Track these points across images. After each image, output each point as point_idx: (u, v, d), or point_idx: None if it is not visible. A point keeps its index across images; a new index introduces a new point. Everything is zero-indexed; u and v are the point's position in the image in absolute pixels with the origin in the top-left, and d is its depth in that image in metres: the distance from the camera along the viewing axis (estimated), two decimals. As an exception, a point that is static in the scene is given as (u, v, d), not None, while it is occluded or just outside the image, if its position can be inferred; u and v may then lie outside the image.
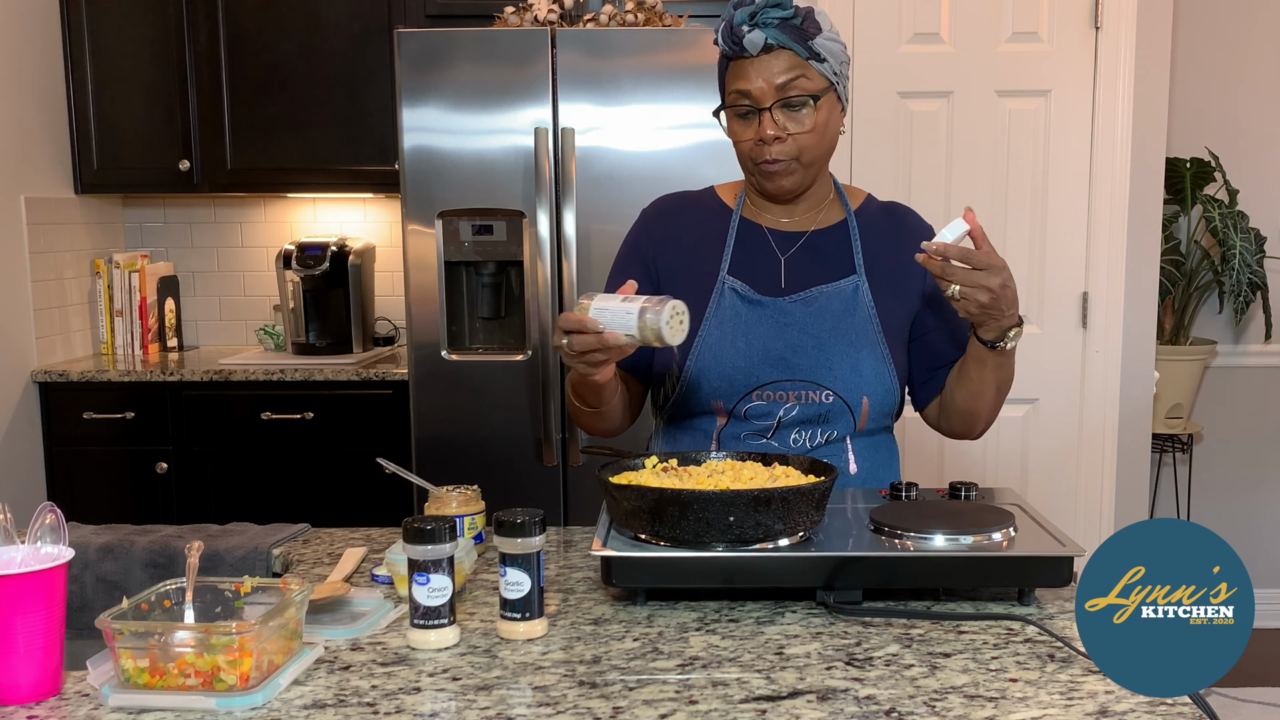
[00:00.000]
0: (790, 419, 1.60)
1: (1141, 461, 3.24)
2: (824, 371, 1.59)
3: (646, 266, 1.69)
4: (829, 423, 1.61)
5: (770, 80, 1.52)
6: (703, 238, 1.67)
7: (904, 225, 1.70)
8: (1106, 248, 3.15)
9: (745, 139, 1.57)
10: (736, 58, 1.55)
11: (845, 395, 1.60)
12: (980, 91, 3.13)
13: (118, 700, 1.06)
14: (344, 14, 3.38)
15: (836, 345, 1.60)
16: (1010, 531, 1.34)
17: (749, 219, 1.68)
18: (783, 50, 1.52)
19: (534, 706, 1.06)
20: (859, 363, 1.60)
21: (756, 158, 1.57)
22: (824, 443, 1.62)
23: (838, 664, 1.15)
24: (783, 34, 1.52)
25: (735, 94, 1.56)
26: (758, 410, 1.60)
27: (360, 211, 3.78)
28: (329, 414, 3.25)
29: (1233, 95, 3.63)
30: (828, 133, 1.58)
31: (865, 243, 1.65)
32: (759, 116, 1.54)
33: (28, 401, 3.30)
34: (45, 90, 3.42)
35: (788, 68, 1.53)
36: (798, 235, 1.66)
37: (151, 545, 1.47)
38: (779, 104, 1.53)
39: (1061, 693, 1.08)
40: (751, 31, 1.51)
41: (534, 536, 1.22)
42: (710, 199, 1.73)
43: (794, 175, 1.59)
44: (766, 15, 1.51)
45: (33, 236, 3.35)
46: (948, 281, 1.41)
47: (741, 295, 1.62)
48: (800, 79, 1.53)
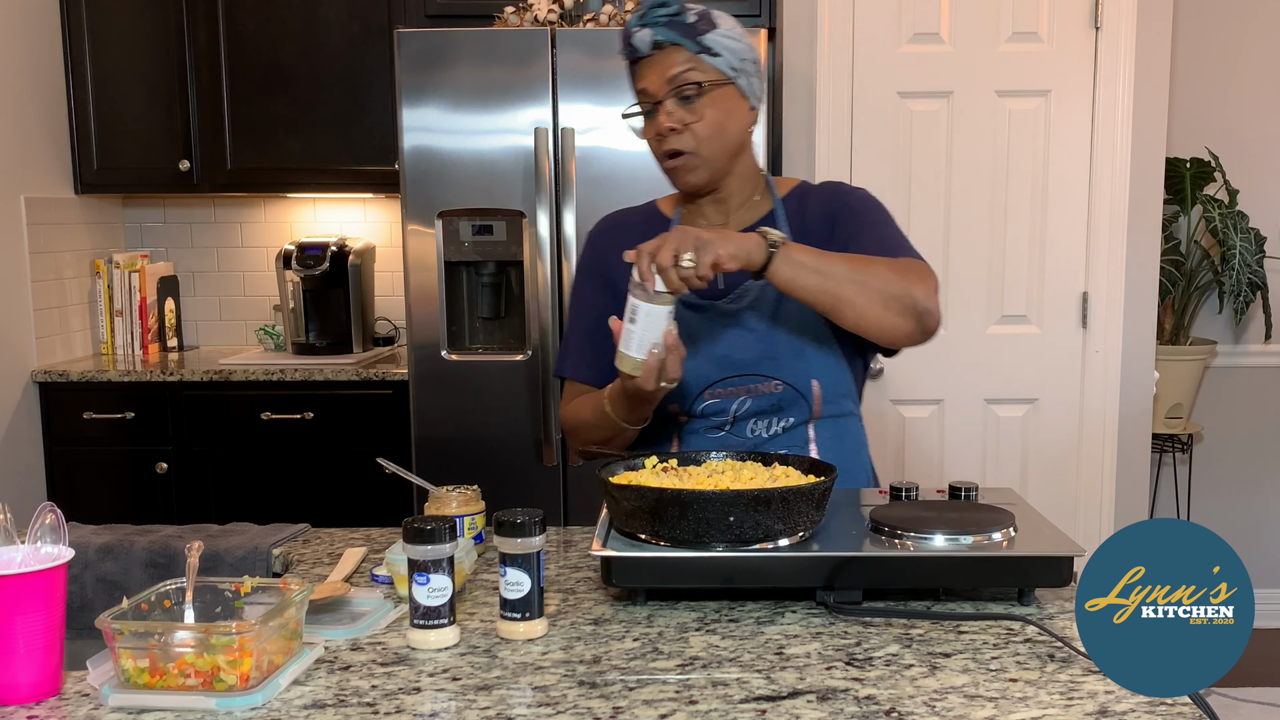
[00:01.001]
0: (744, 412, 1.63)
1: (1141, 461, 3.24)
2: (768, 363, 1.61)
3: (607, 287, 1.71)
4: (783, 411, 1.63)
5: (662, 76, 1.56)
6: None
7: (817, 200, 1.71)
8: (1106, 248, 3.15)
9: (648, 135, 1.62)
10: (634, 61, 1.60)
11: (794, 382, 1.61)
12: (980, 91, 3.13)
13: (118, 700, 1.06)
14: (344, 14, 3.38)
15: (777, 335, 1.62)
16: (1010, 531, 1.34)
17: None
18: (673, 47, 1.56)
19: (534, 706, 1.06)
20: (802, 348, 1.62)
21: (660, 152, 1.61)
22: (781, 431, 1.63)
23: (838, 664, 1.15)
24: (671, 31, 1.55)
25: (638, 94, 1.61)
26: (713, 408, 1.63)
27: (360, 211, 3.78)
28: (329, 414, 3.25)
29: (1233, 95, 3.63)
30: (728, 126, 1.59)
31: (794, 227, 1.66)
32: (656, 111, 1.58)
33: (28, 401, 3.30)
34: (45, 90, 3.42)
35: (678, 62, 1.56)
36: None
37: (151, 545, 1.47)
38: (671, 96, 1.56)
39: (1061, 693, 1.08)
40: (640, 31, 1.56)
41: (534, 536, 1.22)
42: (651, 212, 1.76)
43: (698, 170, 1.61)
44: (653, 15, 1.55)
45: (33, 236, 3.35)
46: (678, 261, 1.38)
47: (684, 302, 1.62)
48: (690, 71, 1.56)
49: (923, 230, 3.17)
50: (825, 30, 3.11)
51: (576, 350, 1.75)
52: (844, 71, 3.13)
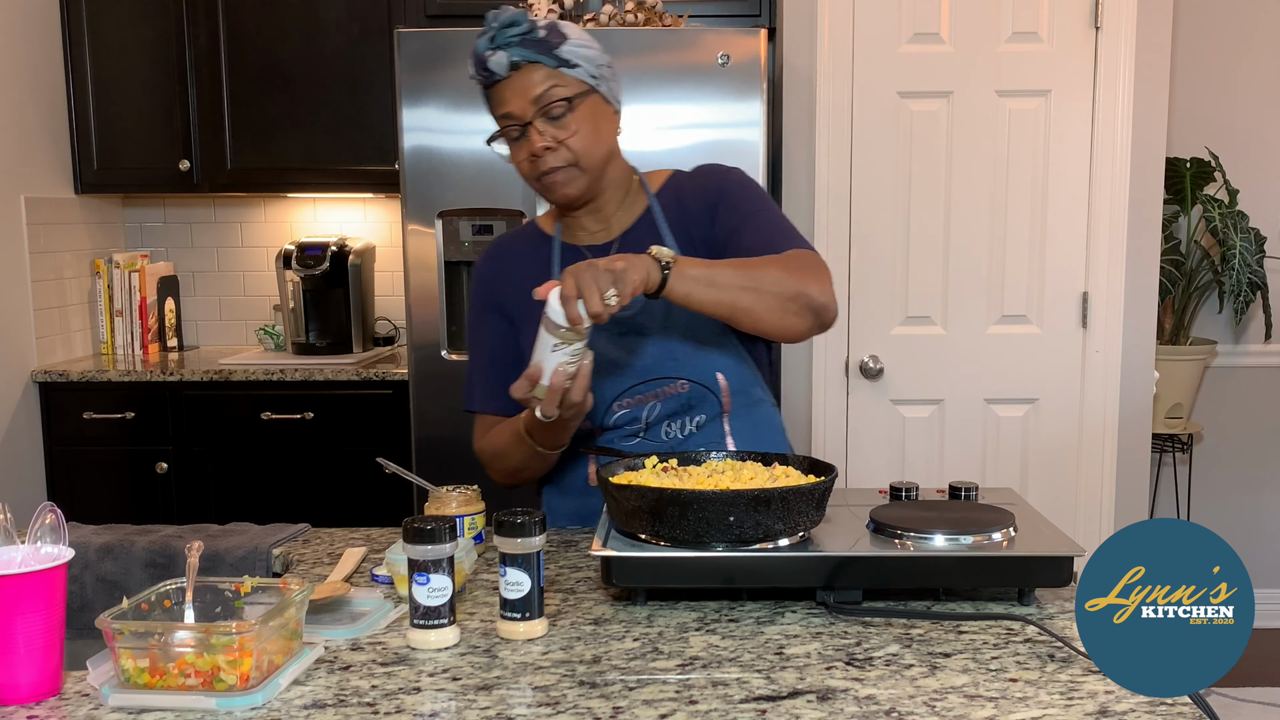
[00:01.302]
0: (656, 417, 1.63)
1: (1141, 461, 3.24)
2: (670, 364, 1.61)
3: (504, 314, 1.70)
4: (694, 409, 1.63)
5: (526, 95, 1.53)
6: (531, 272, 1.68)
7: (691, 185, 1.69)
8: (1106, 248, 3.15)
9: (522, 159, 1.59)
10: (491, 84, 1.56)
11: (699, 379, 1.62)
12: (980, 91, 3.13)
13: (118, 700, 1.06)
14: (344, 14, 3.38)
15: (673, 336, 1.61)
16: (1010, 531, 1.34)
17: (567, 242, 1.69)
18: (530, 65, 1.53)
19: (534, 706, 1.06)
20: (701, 344, 1.62)
21: (535, 173, 1.58)
22: (696, 429, 1.63)
23: (838, 664, 1.15)
24: (525, 49, 1.52)
25: (502, 119, 1.57)
26: (624, 418, 1.63)
27: (360, 211, 3.78)
28: (329, 414, 3.25)
29: (1233, 95, 3.63)
30: (599, 134, 1.59)
31: (672, 221, 1.65)
32: (527, 133, 1.55)
33: (28, 401, 3.30)
34: (45, 90, 3.42)
35: (539, 80, 1.53)
36: (609, 244, 1.67)
37: (151, 545, 1.47)
38: (539, 115, 1.54)
39: (1061, 693, 1.08)
40: (495, 54, 1.53)
41: (534, 536, 1.22)
42: (532, 232, 1.75)
43: (578, 181, 1.59)
44: (504, 36, 1.52)
45: (33, 236, 3.35)
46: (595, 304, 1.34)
47: None
48: (554, 88, 1.54)
49: (923, 230, 3.17)
50: (825, 30, 3.11)
51: (482, 383, 1.74)
52: (844, 71, 3.13)
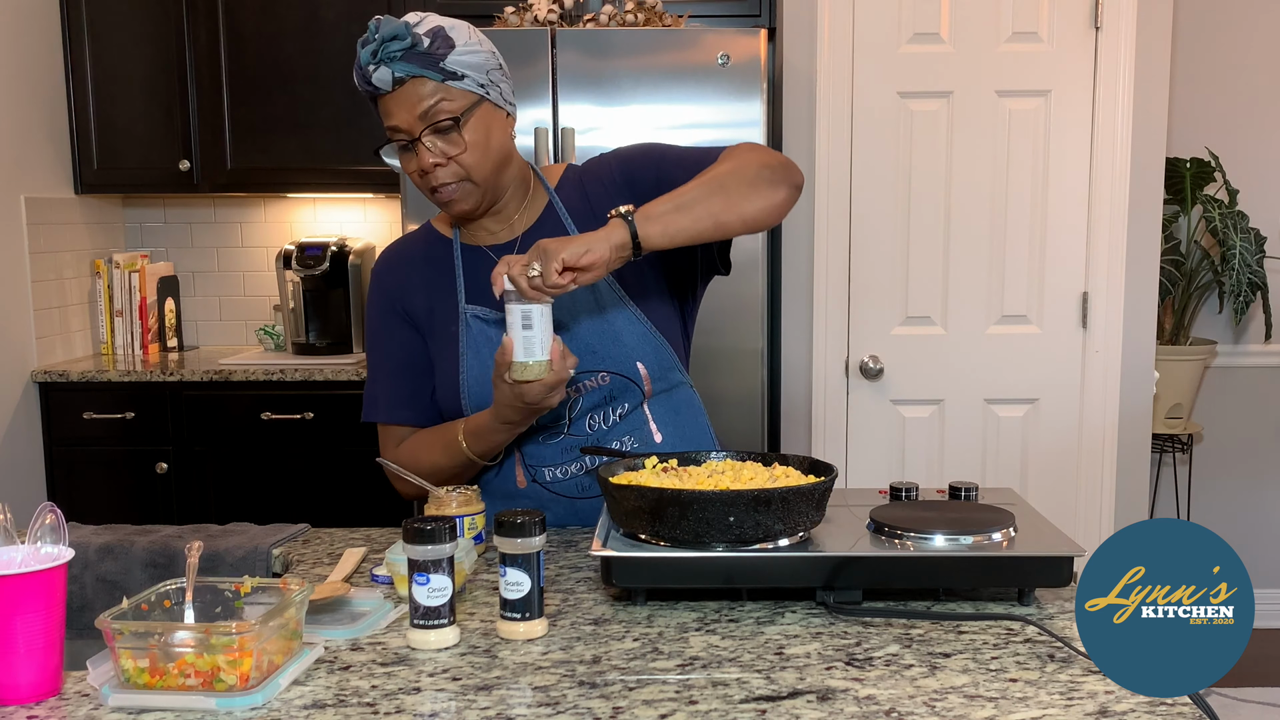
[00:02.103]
0: (578, 411, 1.62)
1: (1141, 461, 3.24)
2: (590, 357, 1.59)
3: (409, 323, 1.68)
4: (616, 400, 1.62)
5: (412, 111, 1.50)
6: (434, 276, 1.67)
7: (593, 174, 1.67)
8: (1106, 248, 3.15)
9: (411, 169, 1.55)
10: (377, 96, 1.52)
11: (620, 370, 1.60)
12: (980, 91, 3.13)
13: (118, 700, 1.06)
14: (344, 14, 3.38)
15: (588, 328, 1.60)
16: (1010, 531, 1.34)
17: (467, 243, 1.67)
18: (416, 79, 1.49)
19: (534, 706, 1.06)
20: (617, 334, 1.60)
21: (426, 187, 1.56)
22: (619, 419, 1.63)
23: (838, 664, 1.15)
24: (409, 64, 1.47)
25: (389, 130, 1.54)
26: (547, 417, 1.60)
27: (360, 211, 3.78)
28: (329, 414, 3.25)
29: (1233, 95, 3.63)
30: (490, 145, 1.56)
31: (574, 212, 1.64)
32: (414, 148, 1.52)
33: (28, 401, 3.30)
34: (45, 90, 3.42)
35: (425, 95, 1.49)
36: (513, 243, 1.65)
37: (151, 545, 1.47)
38: (428, 131, 1.50)
39: (1061, 693, 1.08)
40: (378, 69, 1.48)
41: (534, 537, 1.22)
42: (429, 235, 1.71)
43: (471, 196, 1.57)
44: (387, 49, 1.47)
45: (33, 236, 3.35)
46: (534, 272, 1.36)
47: (484, 319, 1.62)
48: (441, 103, 1.50)
49: (923, 230, 3.17)
50: (825, 30, 3.11)
51: (388, 393, 1.70)
52: (844, 71, 3.13)
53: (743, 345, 2.92)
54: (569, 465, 1.64)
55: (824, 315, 3.20)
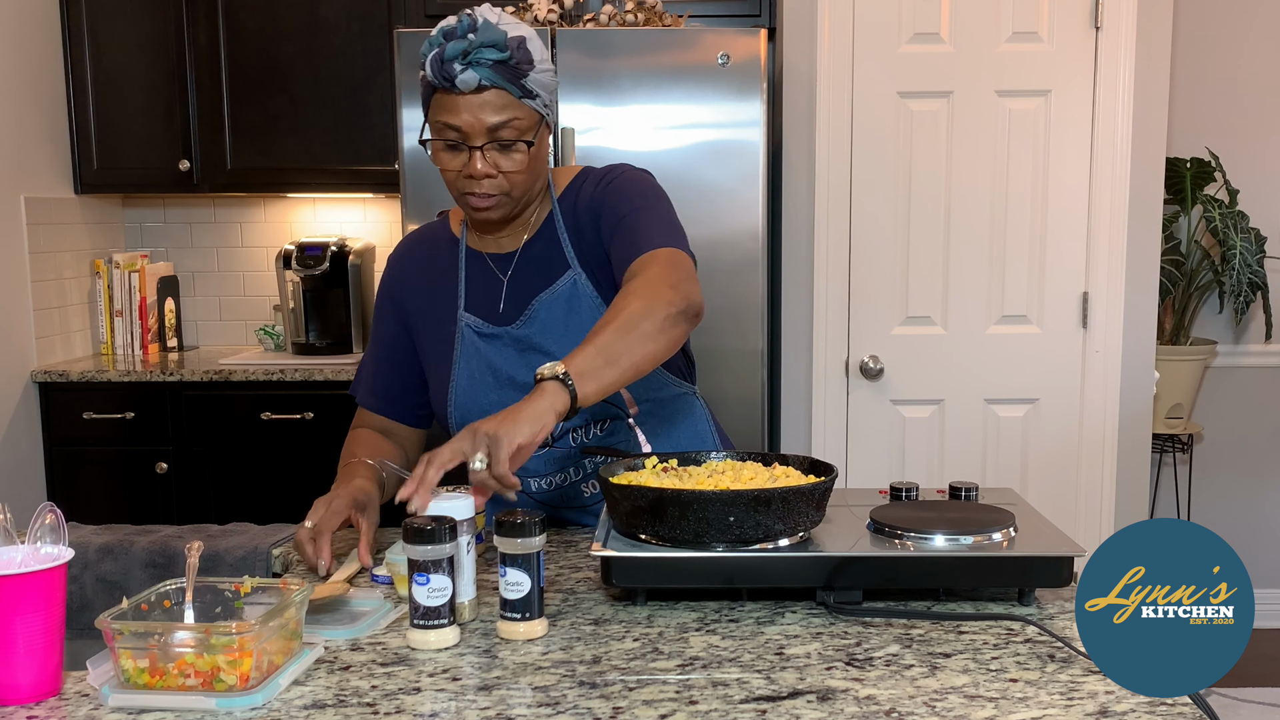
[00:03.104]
0: (560, 430, 1.60)
1: (1141, 461, 3.24)
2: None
3: (399, 317, 1.70)
4: (598, 419, 1.62)
5: (482, 120, 1.47)
6: (439, 277, 1.67)
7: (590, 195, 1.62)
8: (1106, 248, 3.15)
9: (451, 169, 1.53)
10: (445, 91, 1.48)
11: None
12: (980, 91, 3.13)
13: (118, 700, 1.06)
14: (344, 14, 3.38)
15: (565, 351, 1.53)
16: (1010, 531, 1.34)
17: (472, 248, 1.66)
18: (498, 89, 1.47)
19: (534, 706, 1.06)
20: None
21: (463, 189, 1.54)
22: (601, 433, 1.62)
23: (838, 664, 1.15)
24: (496, 75, 1.46)
25: (442, 125, 1.50)
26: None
27: (360, 211, 3.78)
28: (329, 414, 3.25)
29: (1233, 95, 3.63)
30: (538, 167, 1.56)
31: (569, 228, 1.62)
32: (469, 152, 1.50)
33: (28, 401, 3.30)
34: (45, 90, 3.42)
35: (500, 107, 1.48)
36: (513, 254, 1.64)
37: (151, 545, 1.47)
38: (491, 144, 1.49)
39: (1061, 693, 1.08)
40: (465, 72, 1.45)
41: (534, 537, 1.22)
42: (442, 231, 1.70)
43: (503, 208, 1.56)
44: (481, 55, 1.45)
45: (33, 236, 3.35)
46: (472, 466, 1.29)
47: (477, 330, 1.61)
48: (513, 120, 1.49)
49: (923, 230, 3.17)
50: (825, 30, 3.11)
51: (366, 377, 1.74)
52: (844, 71, 3.13)
53: (743, 345, 2.92)
54: (553, 476, 1.65)
55: (824, 315, 3.19)
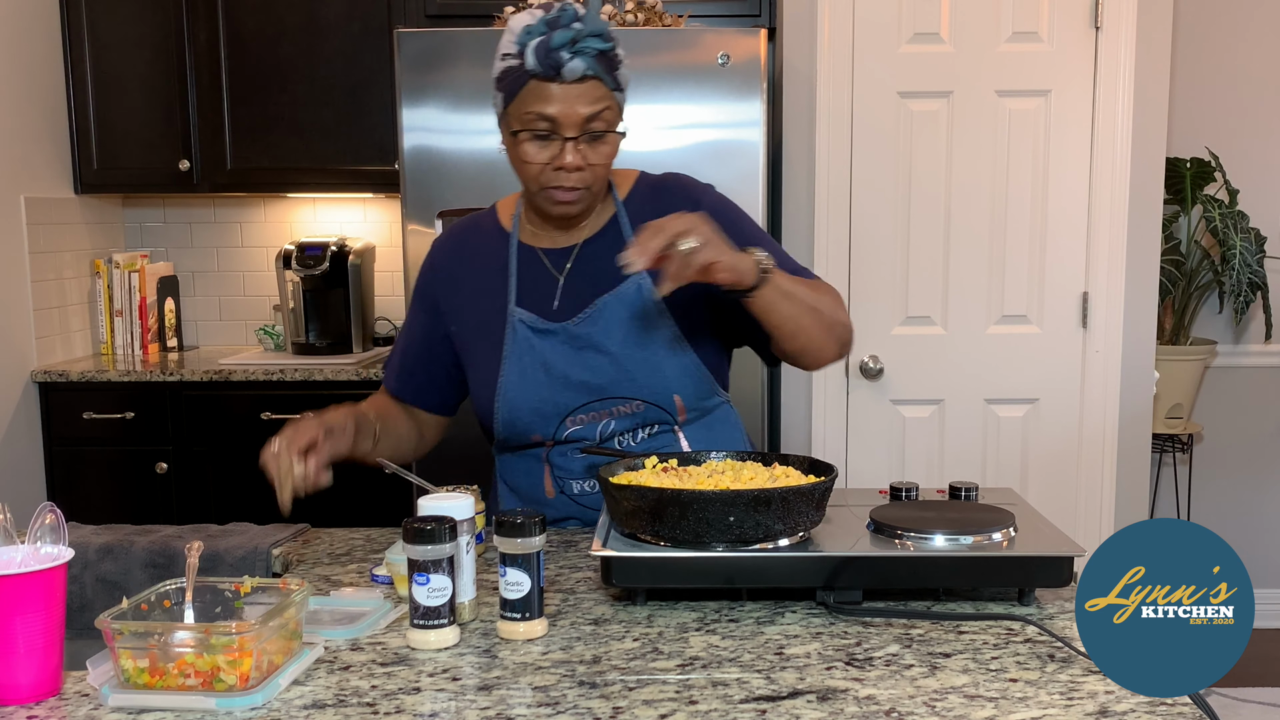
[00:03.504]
0: (609, 432, 1.61)
1: (1141, 461, 3.24)
2: (627, 384, 1.58)
3: (435, 310, 1.69)
4: (648, 425, 1.61)
5: (578, 110, 1.48)
6: (485, 270, 1.65)
7: (670, 200, 1.62)
8: (1106, 248, 3.15)
9: (538, 161, 1.52)
10: (543, 79, 1.47)
11: (655, 400, 1.59)
12: (980, 91, 3.12)
13: (118, 700, 1.06)
14: (344, 14, 3.38)
15: (632, 355, 1.58)
16: (1010, 531, 1.34)
17: (525, 243, 1.65)
18: (594, 80, 1.48)
19: (534, 706, 1.06)
20: (659, 365, 1.58)
21: (547, 183, 1.53)
22: (648, 436, 1.62)
23: (838, 664, 1.15)
24: (599, 65, 1.47)
25: (534, 115, 1.49)
26: (576, 434, 1.61)
27: (360, 211, 3.78)
28: (329, 414, 3.25)
29: (1233, 95, 3.63)
30: (612, 161, 1.56)
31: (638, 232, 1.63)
32: (560, 144, 1.50)
33: (28, 401, 3.30)
34: (45, 90, 3.42)
35: (596, 99, 1.48)
36: (570, 250, 1.63)
37: (151, 545, 1.47)
38: (585, 135, 1.50)
39: (1061, 693, 1.08)
40: (572, 60, 1.45)
41: (534, 536, 1.22)
42: (490, 225, 1.69)
43: (583, 202, 1.56)
44: (588, 44, 1.45)
45: (33, 236, 3.35)
46: (674, 243, 1.33)
47: (530, 326, 1.60)
48: (606, 111, 1.50)
49: (923, 230, 3.17)
50: (825, 30, 3.11)
51: (395, 364, 1.75)
52: (844, 71, 3.13)
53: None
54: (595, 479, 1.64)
55: (824, 315, 3.19)
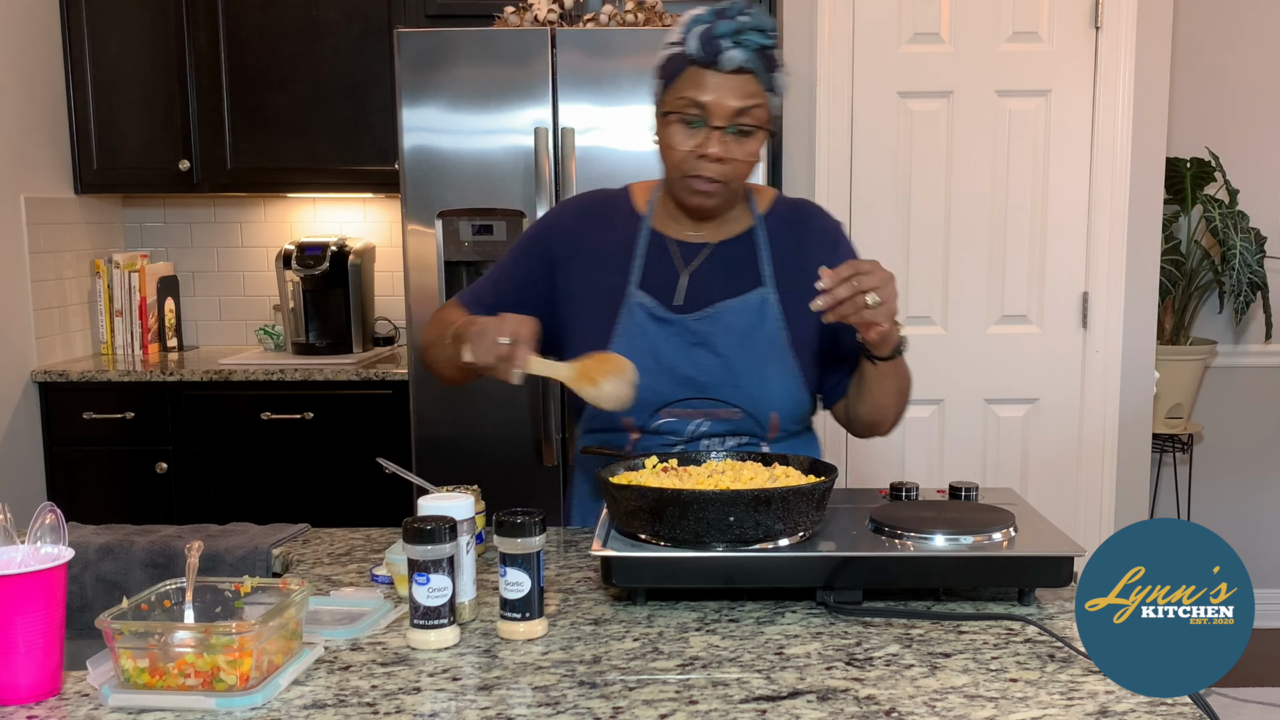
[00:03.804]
0: (700, 433, 1.61)
1: (1141, 461, 3.24)
2: (730, 390, 1.59)
3: (550, 265, 1.66)
4: (740, 433, 1.62)
5: (729, 102, 1.49)
6: (611, 245, 1.65)
7: (811, 227, 1.67)
8: (1106, 248, 3.15)
9: (682, 148, 1.53)
10: (702, 66, 1.50)
11: (752, 411, 1.60)
12: (980, 91, 3.13)
13: (118, 700, 1.06)
14: (344, 14, 3.38)
15: (743, 363, 1.59)
16: (1010, 531, 1.34)
17: (658, 229, 1.65)
18: (750, 75, 1.49)
19: (534, 706, 1.06)
20: (766, 379, 1.59)
21: (688, 170, 1.54)
22: (736, 445, 1.62)
23: (838, 664, 1.15)
24: (758, 60, 1.49)
25: (687, 101, 1.51)
26: (667, 426, 1.61)
27: (360, 211, 3.78)
28: (329, 414, 3.25)
29: (1233, 95, 3.63)
30: (754, 163, 1.57)
31: (776, 251, 1.63)
32: (707, 132, 1.51)
33: (28, 401, 3.30)
34: (45, 90, 3.42)
35: (749, 94, 1.50)
36: (701, 247, 1.64)
37: (151, 545, 1.47)
38: (733, 128, 1.51)
39: (1061, 693, 1.08)
40: (733, 49, 1.47)
41: (534, 536, 1.22)
42: (624, 203, 1.69)
43: (719, 197, 1.57)
44: (750, 37, 1.48)
45: (33, 236, 3.35)
46: (861, 295, 1.39)
47: (649, 311, 1.60)
48: (756, 108, 1.51)
49: (923, 230, 3.17)
50: (825, 30, 3.11)
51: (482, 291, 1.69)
52: (844, 71, 3.13)
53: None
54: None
55: (824, 315, 3.19)
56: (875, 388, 1.59)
